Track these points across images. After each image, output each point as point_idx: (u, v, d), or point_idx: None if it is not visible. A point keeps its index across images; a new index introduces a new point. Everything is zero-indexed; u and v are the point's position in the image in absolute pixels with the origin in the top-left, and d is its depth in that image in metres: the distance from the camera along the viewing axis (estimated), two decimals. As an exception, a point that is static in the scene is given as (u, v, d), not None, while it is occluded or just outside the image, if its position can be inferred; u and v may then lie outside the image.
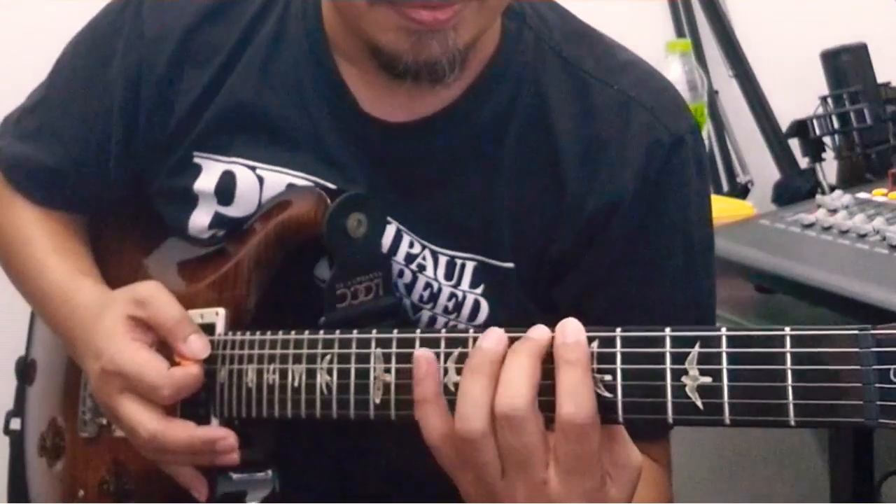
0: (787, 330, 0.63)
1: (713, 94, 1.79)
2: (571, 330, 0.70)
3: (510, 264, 0.96)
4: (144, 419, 0.90)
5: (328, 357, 0.82)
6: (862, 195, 1.33)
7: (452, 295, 0.96)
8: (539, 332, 0.71)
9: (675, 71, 1.69)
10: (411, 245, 0.96)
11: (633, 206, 0.93)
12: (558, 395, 0.68)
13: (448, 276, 0.96)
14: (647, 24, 1.83)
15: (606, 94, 0.95)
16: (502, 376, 0.70)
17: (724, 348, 0.65)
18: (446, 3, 0.83)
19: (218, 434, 0.89)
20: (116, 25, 1.03)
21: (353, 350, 0.81)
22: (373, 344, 0.80)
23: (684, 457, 1.03)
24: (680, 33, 1.83)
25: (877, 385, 0.60)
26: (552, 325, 0.72)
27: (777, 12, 1.82)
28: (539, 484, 0.70)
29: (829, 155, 1.63)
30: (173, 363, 0.91)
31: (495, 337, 0.72)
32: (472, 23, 0.86)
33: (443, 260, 0.96)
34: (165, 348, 0.92)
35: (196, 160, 1.00)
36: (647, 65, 1.01)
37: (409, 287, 0.97)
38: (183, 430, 0.90)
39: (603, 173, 0.93)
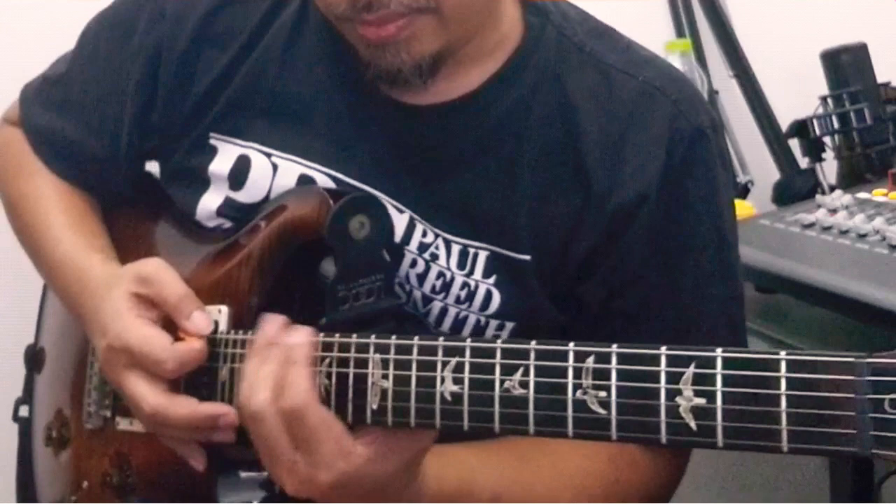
0: (783, 354, 0.63)
1: (713, 94, 1.79)
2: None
3: (526, 257, 0.96)
4: (148, 394, 0.90)
5: (327, 360, 0.82)
6: (862, 195, 1.33)
7: (465, 284, 0.97)
8: (288, 337, 0.83)
9: (675, 71, 1.69)
10: (424, 234, 0.97)
11: (658, 199, 0.93)
12: None
13: (461, 266, 0.97)
14: (647, 24, 1.82)
15: (630, 85, 0.96)
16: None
17: (718, 370, 0.64)
18: (388, 21, 0.84)
19: (220, 410, 0.90)
20: (139, 3, 1.04)
21: (352, 354, 0.81)
22: (371, 349, 0.80)
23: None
24: (680, 33, 1.83)
25: (871, 415, 0.59)
26: (570, 318, 0.74)
27: (777, 12, 1.82)
28: (291, 465, 0.81)
29: (829, 155, 1.62)
30: (178, 339, 0.91)
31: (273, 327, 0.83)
32: (432, 35, 0.87)
33: (456, 249, 0.97)
34: (170, 325, 0.92)
35: (212, 141, 1.01)
36: (667, 62, 1.02)
37: (422, 277, 0.97)
38: (186, 406, 0.91)
39: (627, 166, 0.94)
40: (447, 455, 0.89)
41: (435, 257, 0.97)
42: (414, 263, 0.97)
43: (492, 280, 0.97)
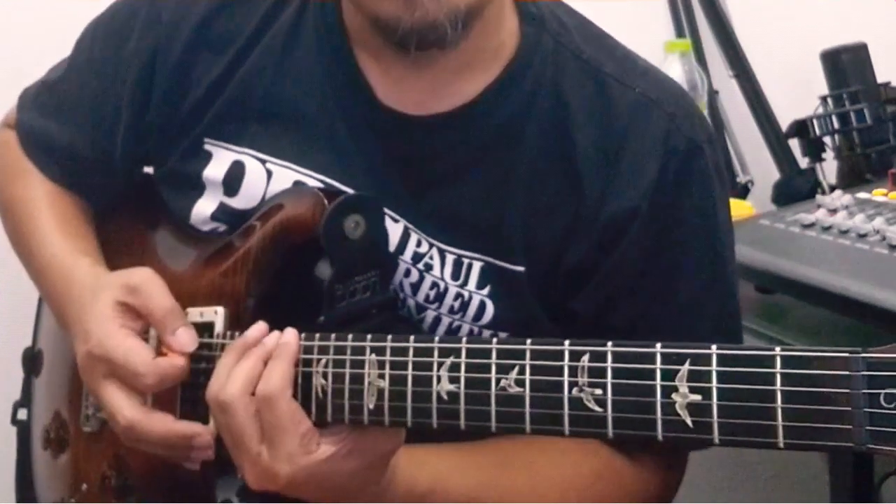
0: (778, 350, 0.63)
1: (713, 94, 1.79)
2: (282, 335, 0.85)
3: (520, 268, 0.95)
4: (125, 406, 0.90)
5: (324, 361, 0.83)
6: (862, 195, 1.33)
7: (458, 295, 0.96)
8: (268, 337, 0.84)
9: (675, 71, 1.69)
10: (419, 244, 0.96)
11: (651, 213, 0.93)
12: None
13: (455, 276, 0.96)
14: (647, 24, 1.83)
15: (627, 96, 0.95)
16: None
17: (713, 366, 0.65)
18: None
19: (195, 430, 0.90)
20: (134, 8, 1.04)
21: (348, 356, 0.81)
22: (367, 350, 0.80)
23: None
24: (680, 33, 1.83)
25: (866, 409, 0.60)
26: (563, 330, 0.72)
27: (777, 12, 1.81)
28: (255, 457, 0.82)
29: (829, 155, 1.62)
30: (160, 354, 0.91)
31: (255, 332, 0.85)
32: None
33: (450, 259, 0.96)
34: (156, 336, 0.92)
35: (207, 147, 1.00)
36: (664, 73, 1.02)
37: (416, 287, 0.97)
38: (161, 424, 0.90)
39: (621, 179, 0.93)
40: (421, 456, 0.89)
41: (429, 267, 0.96)
42: (408, 273, 0.97)
43: (486, 291, 0.96)
